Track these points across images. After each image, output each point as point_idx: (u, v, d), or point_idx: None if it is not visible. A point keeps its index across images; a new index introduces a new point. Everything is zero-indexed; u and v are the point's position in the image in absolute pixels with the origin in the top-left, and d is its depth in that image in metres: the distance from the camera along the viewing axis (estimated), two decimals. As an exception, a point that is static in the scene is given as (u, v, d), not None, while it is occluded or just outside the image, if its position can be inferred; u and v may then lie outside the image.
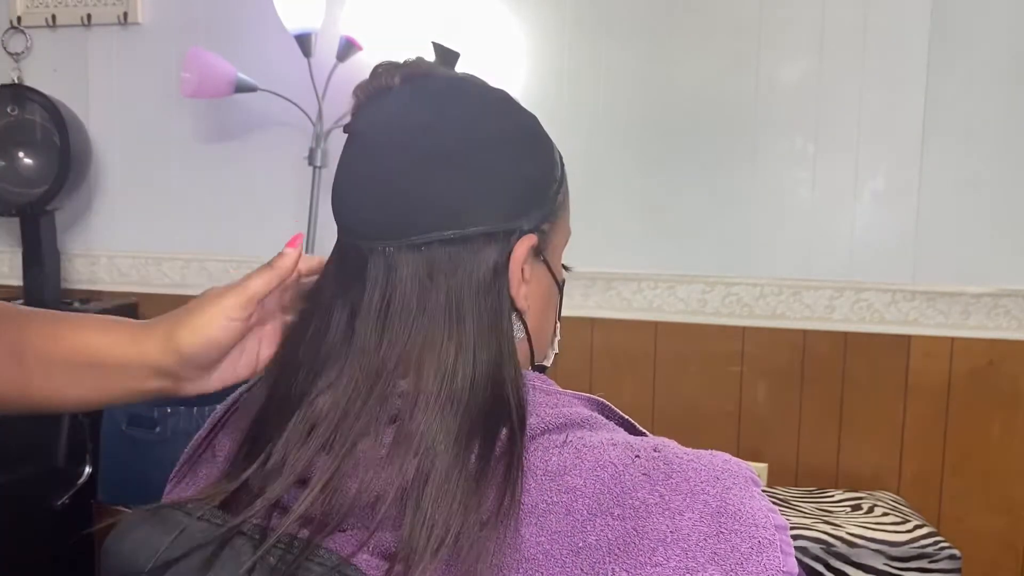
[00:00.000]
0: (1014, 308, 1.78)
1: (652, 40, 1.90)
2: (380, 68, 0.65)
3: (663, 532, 0.50)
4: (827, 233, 1.85)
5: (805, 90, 1.84)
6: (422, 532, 0.51)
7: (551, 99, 1.95)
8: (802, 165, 1.85)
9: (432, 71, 0.66)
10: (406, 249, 0.59)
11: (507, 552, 0.50)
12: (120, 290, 2.24)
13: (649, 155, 1.92)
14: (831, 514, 1.61)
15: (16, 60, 2.23)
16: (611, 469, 0.52)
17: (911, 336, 1.82)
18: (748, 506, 0.51)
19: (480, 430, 0.55)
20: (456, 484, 0.53)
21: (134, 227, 2.23)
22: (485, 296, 0.59)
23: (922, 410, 1.83)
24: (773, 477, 1.89)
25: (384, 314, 0.59)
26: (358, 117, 0.65)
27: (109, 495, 1.91)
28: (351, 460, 0.55)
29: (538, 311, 0.65)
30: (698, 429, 1.91)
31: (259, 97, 1.99)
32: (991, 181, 1.78)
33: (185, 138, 2.18)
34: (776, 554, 0.50)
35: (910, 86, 1.79)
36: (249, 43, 2.08)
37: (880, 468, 1.85)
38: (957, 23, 1.77)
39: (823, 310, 1.85)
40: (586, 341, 1.97)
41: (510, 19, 1.97)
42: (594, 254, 1.94)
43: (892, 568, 1.47)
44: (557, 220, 0.66)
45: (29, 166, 2.09)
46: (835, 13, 1.81)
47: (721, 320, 1.90)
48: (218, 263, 2.18)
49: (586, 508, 0.51)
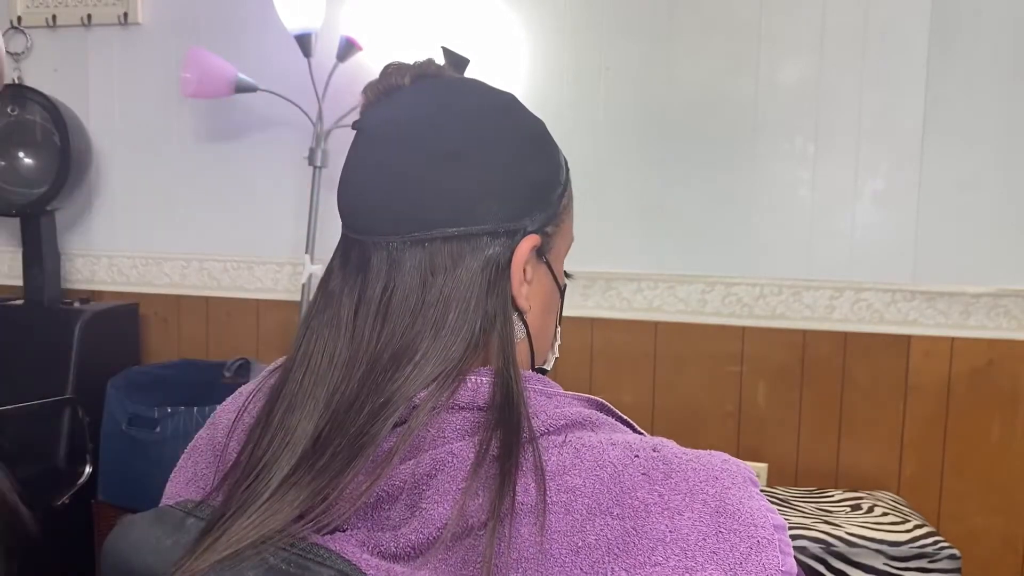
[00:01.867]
0: (1014, 308, 1.78)
1: (653, 41, 1.90)
2: (390, 68, 0.66)
3: (662, 531, 0.50)
4: (827, 233, 1.85)
5: (805, 90, 1.84)
6: (421, 532, 0.52)
7: (552, 99, 1.95)
8: (802, 165, 1.85)
9: (441, 73, 0.67)
10: (410, 244, 0.59)
11: (506, 552, 0.50)
12: (120, 290, 2.24)
13: (649, 155, 1.92)
14: (831, 514, 1.61)
15: (16, 60, 2.23)
16: (610, 469, 0.53)
17: (911, 336, 1.82)
18: (747, 506, 0.51)
19: (480, 429, 0.55)
20: (455, 484, 0.53)
21: (134, 227, 2.23)
22: (487, 294, 0.60)
23: (922, 410, 1.83)
24: (773, 477, 1.89)
25: (385, 308, 0.59)
26: (366, 114, 0.65)
27: (109, 495, 1.92)
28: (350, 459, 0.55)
29: (539, 312, 0.66)
30: (698, 429, 1.91)
31: (259, 97, 1.99)
32: (991, 181, 1.78)
33: (185, 138, 2.18)
34: (775, 553, 0.50)
35: (910, 86, 1.79)
36: (249, 43, 2.09)
37: (880, 468, 1.85)
38: (957, 23, 1.77)
39: (823, 310, 1.86)
40: (586, 341, 1.97)
41: (511, 20, 1.97)
42: (594, 254, 1.94)
43: (892, 568, 1.47)
44: (560, 224, 0.66)
45: (29, 166, 2.09)
46: (835, 13, 1.81)
47: (721, 320, 1.90)
48: (218, 263, 2.18)
49: (585, 508, 0.51)
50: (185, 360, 2.13)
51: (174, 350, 2.22)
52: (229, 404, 0.70)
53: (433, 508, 0.52)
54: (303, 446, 0.56)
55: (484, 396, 0.57)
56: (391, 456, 0.54)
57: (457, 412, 0.57)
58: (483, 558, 0.50)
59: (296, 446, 0.57)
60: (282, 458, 0.56)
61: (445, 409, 0.56)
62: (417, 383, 0.57)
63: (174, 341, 2.23)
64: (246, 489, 0.56)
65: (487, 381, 0.58)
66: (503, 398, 0.57)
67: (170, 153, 2.19)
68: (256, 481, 0.56)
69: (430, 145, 0.60)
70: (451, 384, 0.57)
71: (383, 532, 0.53)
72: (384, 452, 0.55)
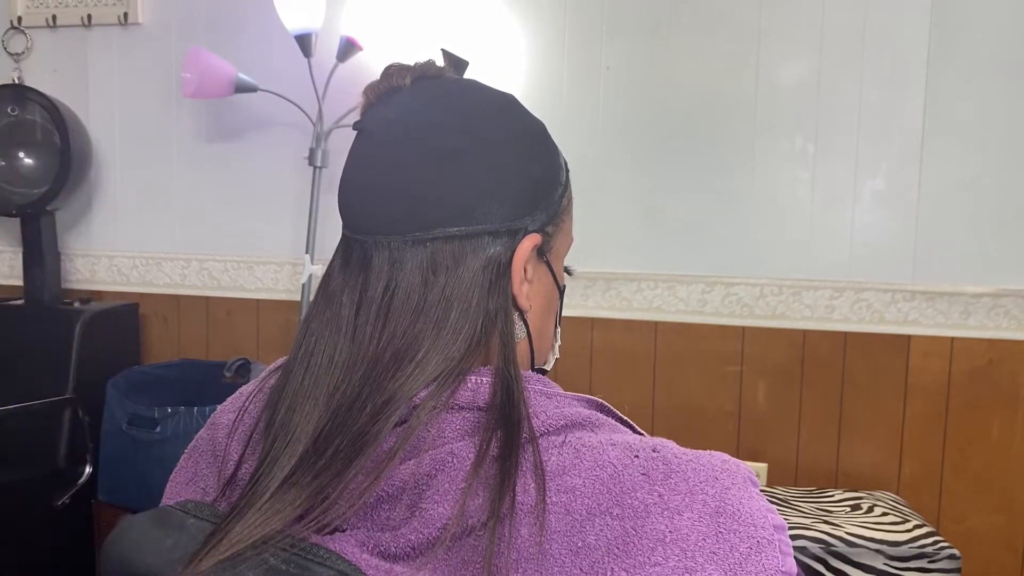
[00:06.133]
0: (1014, 308, 1.78)
1: (652, 41, 1.90)
2: (391, 69, 0.66)
3: (662, 532, 0.50)
4: (827, 233, 1.85)
5: (805, 90, 1.84)
6: (421, 532, 0.52)
7: (551, 99, 1.95)
8: (802, 165, 1.85)
9: (442, 74, 0.67)
10: (411, 244, 0.60)
11: (506, 552, 0.50)
12: (120, 290, 2.24)
13: (649, 155, 1.92)
14: (831, 514, 1.61)
15: (16, 60, 2.23)
16: (610, 469, 0.53)
17: (911, 336, 1.83)
18: (747, 506, 0.51)
19: (480, 429, 0.56)
20: (456, 484, 0.53)
21: (134, 227, 2.23)
22: (488, 293, 0.60)
23: (922, 410, 1.83)
24: (773, 477, 1.89)
25: (387, 307, 0.59)
26: (367, 115, 0.65)
27: (109, 495, 1.92)
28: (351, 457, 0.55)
29: (539, 312, 0.66)
30: (698, 429, 1.92)
31: (259, 97, 1.99)
32: (991, 181, 1.78)
33: (185, 138, 2.18)
34: (775, 554, 0.50)
35: (910, 86, 1.79)
36: (249, 43, 2.09)
37: (880, 468, 1.85)
38: (957, 23, 1.77)
39: (823, 310, 1.86)
40: (586, 341, 1.97)
41: (510, 20, 1.97)
42: (594, 254, 1.94)
43: (892, 568, 1.47)
44: (561, 224, 0.66)
45: (29, 166, 2.10)
46: (835, 13, 1.81)
47: (721, 320, 1.90)
48: (218, 263, 2.18)
49: (585, 508, 0.51)
50: (185, 360, 2.13)
51: (174, 350, 2.22)
52: (229, 405, 0.70)
53: (433, 508, 0.52)
54: (304, 446, 0.56)
55: (484, 396, 0.57)
56: (391, 456, 0.54)
57: (457, 412, 0.57)
58: (483, 558, 0.50)
59: (296, 446, 0.56)
60: (283, 458, 0.56)
61: (445, 409, 0.56)
62: (418, 382, 0.57)
63: (174, 341, 2.23)
64: (248, 490, 0.56)
65: (487, 381, 0.58)
66: (503, 398, 0.57)
67: (170, 153, 2.19)
68: (257, 481, 0.56)
69: (431, 145, 0.60)
70: (452, 384, 0.57)
71: (383, 532, 0.54)
72: (384, 452, 0.55)
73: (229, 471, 0.62)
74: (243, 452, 0.62)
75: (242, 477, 0.61)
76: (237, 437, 0.64)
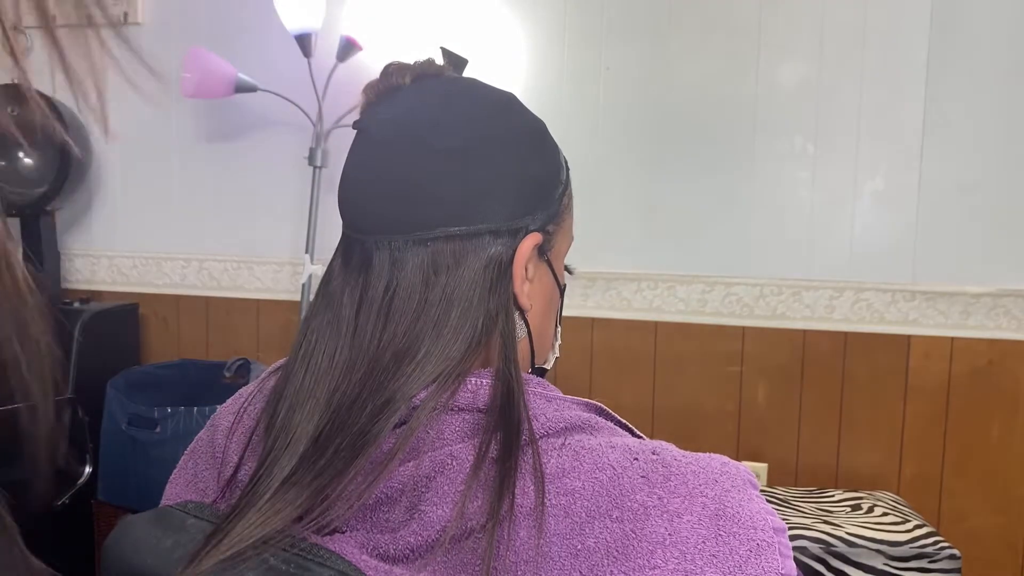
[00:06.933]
0: (1014, 308, 1.78)
1: (652, 41, 1.90)
2: (391, 68, 0.66)
3: (661, 534, 0.50)
4: (827, 233, 1.85)
5: (805, 90, 1.84)
6: (420, 534, 0.52)
7: (551, 99, 1.95)
8: (802, 165, 1.85)
9: (442, 73, 0.67)
10: (412, 244, 0.59)
11: (505, 554, 0.50)
12: (120, 290, 2.24)
13: (649, 155, 1.92)
14: (831, 514, 1.61)
15: (16, 60, 2.23)
16: (609, 472, 0.52)
17: (911, 336, 1.82)
18: (746, 508, 0.51)
19: (479, 431, 0.55)
20: (455, 486, 0.53)
21: (134, 227, 2.23)
22: (489, 292, 0.60)
23: (922, 410, 1.83)
24: (773, 477, 1.89)
25: (388, 307, 0.59)
26: (367, 114, 0.65)
27: (109, 495, 1.92)
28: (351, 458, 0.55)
29: (540, 311, 0.66)
30: (698, 429, 1.91)
31: (259, 97, 1.99)
32: (991, 181, 1.78)
33: (185, 138, 2.18)
34: (775, 556, 0.50)
35: (910, 86, 1.79)
36: (249, 43, 2.08)
37: (880, 468, 1.85)
38: (957, 23, 1.77)
39: (823, 310, 1.86)
40: (586, 341, 1.97)
41: (510, 20, 1.97)
42: (594, 254, 1.94)
43: (892, 568, 1.47)
44: (561, 223, 0.66)
45: (29, 166, 2.09)
46: (835, 13, 1.81)
47: (721, 320, 1.90)
48: (218, 263, 2.18)
49: (584, 510, 0.51)
50: (185, 360, 2.13)
51: (174, 350, 2.22)
52: (229, 406, 0.69)
53: (432, 510, 0.52)
54: (304, 446, 0.56)
55: (484, 398, 0.57)
56: (391, 457, 0.54)
57: (457, 414, 0.57)
58: (482, 561, 0.50)
59: (297, 446, 0.56)
60: (283, 458, 0.56)
61: (445, 410, 0.56)
62: (418, 383, 0.57)
63: (174, 341, 2.23)
64: (248, 489, 0.56)
65: (487, 383, 0.58)
66: (503, 400, 0.57)
67: (170, 153, 2.19)
68: (258, 481, 0.56)
69: (432, 144, 0.60)
70: (451, 385, 0.57)
71: (382, 534, 0.53)
72: (384, 453, 0.55)
73: (228, 472, 0.62)
74: (243, 453, 0.62)
75: (242, 478, 0.61)
76: (236, 438, 0.64)
